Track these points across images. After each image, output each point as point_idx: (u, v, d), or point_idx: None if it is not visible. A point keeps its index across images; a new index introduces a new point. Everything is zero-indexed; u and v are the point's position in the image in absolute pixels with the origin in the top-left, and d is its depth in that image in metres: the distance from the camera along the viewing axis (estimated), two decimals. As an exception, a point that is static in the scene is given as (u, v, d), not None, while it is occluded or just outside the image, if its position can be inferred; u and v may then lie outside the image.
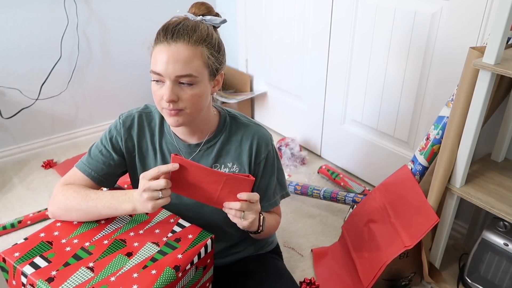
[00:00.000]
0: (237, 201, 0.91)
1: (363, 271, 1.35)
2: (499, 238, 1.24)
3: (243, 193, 0.90)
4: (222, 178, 0.88)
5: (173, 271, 0.87)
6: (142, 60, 2.41)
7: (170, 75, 0.90)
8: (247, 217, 0.92)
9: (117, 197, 0.95)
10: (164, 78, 0.91)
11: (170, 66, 0.90)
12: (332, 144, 2.15)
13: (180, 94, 0.92)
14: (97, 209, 0.96)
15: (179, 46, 0.90)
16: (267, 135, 1.10)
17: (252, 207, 0.92)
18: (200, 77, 0.93)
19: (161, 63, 0.90)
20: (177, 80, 0.91)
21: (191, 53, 0.91)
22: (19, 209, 1.83)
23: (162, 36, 0.92)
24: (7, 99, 2.07)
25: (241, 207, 0.91)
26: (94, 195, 0.97)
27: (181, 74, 0.90)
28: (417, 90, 1.64)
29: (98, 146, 1.06)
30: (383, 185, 1.46)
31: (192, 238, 0.96)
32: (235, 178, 0.88)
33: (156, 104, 0.97)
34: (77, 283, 0.83)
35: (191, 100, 0.93)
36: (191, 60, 0.91)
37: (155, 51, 0.93)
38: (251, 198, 0.91)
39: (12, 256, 0.89)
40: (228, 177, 0.88)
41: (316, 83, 2.11)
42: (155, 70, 0.92)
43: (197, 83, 0.93)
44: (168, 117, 0.95)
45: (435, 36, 1.51)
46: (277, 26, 2.23)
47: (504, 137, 1.34)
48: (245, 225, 0.93)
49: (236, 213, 0.92)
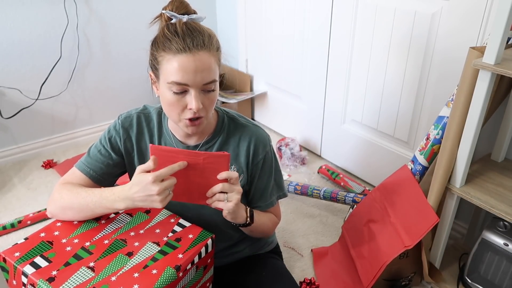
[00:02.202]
0: (218, 183, 0.90)
1: (363, 271, 1.35)
2: (499, 238, 1.24)
3: (222, 172, 0.89)
4: (200, 158, 0.88)
5: (173, 270, 0.87)
6: (142, 60, 2.40)
7: (199, 83, 0.90)
8: (231, 198, 0.91)
9: (106, 197, 0.93)
10: (189, 87, 0.91)
11: (198, 75, 0.89)
12: (332, 144, 2.15)
13: (203, 100, 0.93)
14: (89, 207, 0.96)
15: (202, 55, 0.90)
16: (265, 136, 1.10)
17: (233, 187, 0.91)
18: (217, 80, 0.95)
19: (188, 73, 0.89)
20: (203, 88, 0.92)
21: (212, 59, 0.92)
22: (19, 209, 1.83)
23: (181, 44, 0.89)
24: (7, 99, 2.07)
25: (222, 187, 0.90)
26: (84, 193, 0.96)
27: (208, 81, 0.92)
28: (417, 90, 1.64)
29: (97, 146, 1.06)
30: (383, 185, 1.46)
31: (192, 238, 0.96)
32: (212, 156, 0.88)
33: (174, 114, 0.95)
34: (78, 282, 0.83)
35: (211, 105, 0.96)
36: (213, 66, 0.92)
37: (174, 61, 0.89)
38: (230, 176, 0.90)
39: (13, 256, 0.89)
40: (205, 156, 0.88)
41: (316, 83, 2.11)
42: (181, 81, 0.89)
43: (216, 88, 0.96)
44: (187, 127, 0.96)
45: (435, 36, 1.51)
46: (277, 26, 2.23)
47: (504, 137, 1.34)
48: (231, 208, 0.91)
49: (219, 196, 0.91)
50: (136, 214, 1.03)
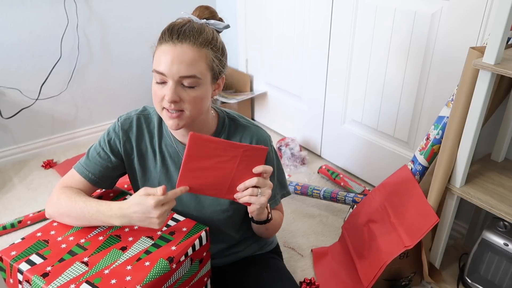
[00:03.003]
0: (252, 177, 0.90)
1: (363, 271, 1.35)
2: (499, 238, 1.24)
3: (258, 166, 0.89)
4: (240, 150, 0.88)
5: (166, 262, 0.87)
6: (142, 60, 2.41)
7: (174, 75, 0.90)
8: (264, 192, 0.91)
9: (102, 211, 0.94)
10: (167, 78, 0.90)
11: (174, 66, 0.89)
12: (332, 144, 2.15)
13: (182, 95, 0.92)
14: (85, 218, 0.96)
15: (184, 47, 0.90)
16: (265, 136, 1.10)
17: (266, 181, 0.92)
18: (203, 79, 0.93)
19: (165, 63, 0.89)
20: (180, 81, 0.91)
21: (196, 54, 0.90)
22: (19, 209, 1.83)
23: (168, 36, 0.91)
24: (7, 99, 2.07)
25: (257, 181, 0.90)
26: (82, 204, 0.96)
27: (185, 75, 0.90)
28: (417, 90, 1.64)
29: (96, 148, 1.06)
30: (383, 185, 1.46)
31: (186, 231, 0.96)
32: (252, 148, 0.88)
33: (156, 104, 0.96)
34: (72, 276, 0.84)
35: (192, 102, 0.93)
36: (195, 61, 0.90)
37: (159, 51, 0.92)
38: (266, 170, 0.90)
39: (9, 255, 0.90)
40: (246, 148, 0.88)
41: (316, 83, 2.11)
42: (158, 70, 0.91)
43: (199, 85, 0.93)
44: (168, 119, 0.94)
45: (435, 36, 1.51)
46: (277, 26, 2.23)
47: (504, 137, 1.34)
48: (263, 203, 0.91)
49: (253, 190, 0.90)
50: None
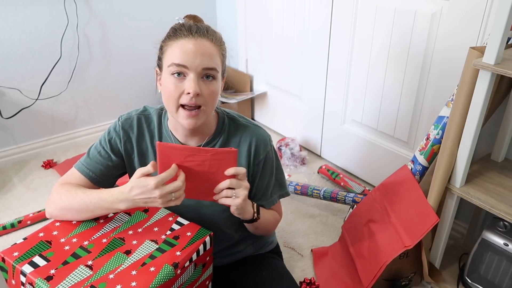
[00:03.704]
0: (225, 179, 0.91)
1: (363, 271, 1.35)
2: (499, 238, 1.24)
3: (230, 168, 0.90)
4: (208, 155, 0.88)
5: (171, 268, 0.87)
6: (142, 60, 2.41)
7: (197, 66, 0.91)
8: (238, 194, 0.91)
9: (104, 198, 0.94)
10: (188, 70, 0.91)
11: (197, 57, 0.91)
12: (332, 144, 2.15)
13: (202, 89, 0.93)
14: (88, 208, 0.96)
15: (203, 41, 0.93)
16: (265, 136, 1.10)
17: (240, 183, 0.92)
18: (219, 73, 0.96)
19: (187, 54, 0.90)
20: (202, 73, 0.93)
21: (214, 49, 0.94)
22: (19, 209, 1.83)
23: (186, 31, 0.93)
24: (7, 99, 2.07)
25: (230, 183, 0.90)
26: (83, 194, 0.96)
27: (208, 66, 0.92)
28: (417, 90, 1.64)
29: (97, 147, 1.06)
30: (383, 185, 1.46)
31: (190, 236, 0.96)
32: (220, 152, 0.89)
33: (171, 102, 0.94)
34: (76, 281, 0.83)
35: (211, 96, 0.95)
36: (214, 55, 0.94)
37: (175, 45, 0.93)
38: (238, 172, 0.90)
39: (11, 255, 0.89)
40: (213, 152, 0.88)
41: (316, 83, 2.11)
42: (179, 62, 0.91)
43: (217, 79, 0.96)
44: (185, 118, 0.94)
45: (435, 36, 1.51)
46: (277, 26, 2.23)
47: (504, 137, 1.34)
48: (238, 204, 0.92)
49: (227, 192, 0.91)
50: (134, 213, 1.04)
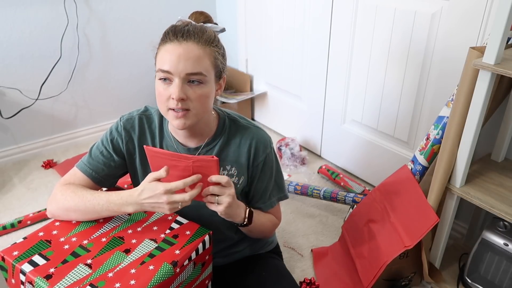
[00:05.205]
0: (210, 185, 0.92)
1: (363, 271, 1.35)
2: (499, 238, 1.24)
3: (212, 176, 0.91)
4: (189, 162, 0.89)
5: (170, 266, 0.87)
6: (142, 60, 2.40)
7: (180, 72, 0.91)
8: (221, 201, 0.92)
9: (113, 201, 0.95)
10: (173, 76, 0.91)
11: (181, 63, 0.90)
12: (332, 144, 2.15)
13: (189, 93, 0.92)
14: (95, 210, 0.96)
15: (189, 45, 0.91)
16: (266, 137, 1.09)
17: (224, 190, 0.92)
18: (208, 77, 0.94)
19: (171, 60, 0.90)
20: (187, 79, 0.92)
21: (201, 52, 0.92)
22: (19, 209, 1.83)
23: (172, 35, 0.92)
24: (7, 99, 2.07)
25: (212, 189, 0.91)
26: (90, 196, 0.97)
27: (191, 71, 0.91)
28: (417, 90, 1.64)
29: (99, 147, 1.06)
30: (383, 185, 1.46)
31: (190, 235, 0.96)
32: (200, 160, 0.89)
33: (161, 105, 0.96)
34: (75, 279, 0.84)
35: (199, 99, 0.94)
36: (201, 59, 0.92)
37: (162, 50, 0.93)
38: (219, 180, 0.91)
39: (11, 254, 0.89)
40: (194, 159, 0.89)
41: (316, 83, 2.11)
42: (164, 68, 0.91)
43: (205, 83, 0.94)
44: (174, 119, 0.95)
45: (435, 36, 1.51)
46: (277, 26, 2.23)
47: (504, 137, 1.34)
48: (222, 210, 0.93)
49: (210, 198, 0.92)
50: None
